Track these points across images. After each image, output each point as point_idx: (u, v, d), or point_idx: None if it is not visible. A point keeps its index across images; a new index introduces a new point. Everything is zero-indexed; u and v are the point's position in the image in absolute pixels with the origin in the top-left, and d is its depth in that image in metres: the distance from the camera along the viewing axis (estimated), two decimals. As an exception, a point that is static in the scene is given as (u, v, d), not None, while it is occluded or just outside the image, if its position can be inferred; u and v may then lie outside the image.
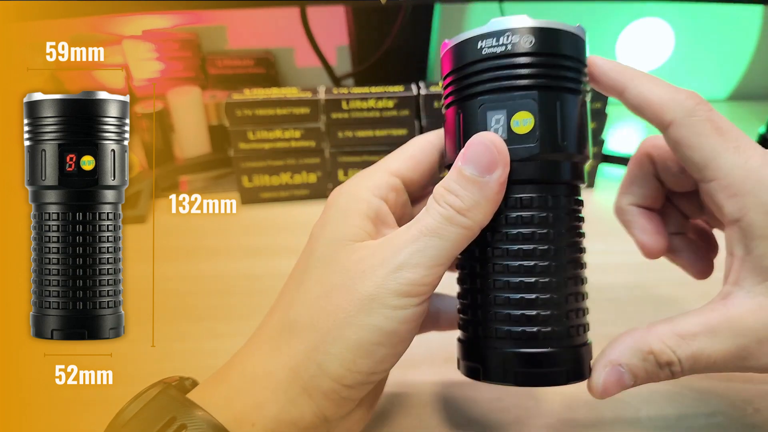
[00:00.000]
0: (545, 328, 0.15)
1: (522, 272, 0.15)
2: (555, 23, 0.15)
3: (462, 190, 0.15)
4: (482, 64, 0.15)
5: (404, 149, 0.18)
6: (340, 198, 0.17)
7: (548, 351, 0.15)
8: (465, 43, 0.16)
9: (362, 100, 0.36)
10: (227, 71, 0.50)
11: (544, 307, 0.15)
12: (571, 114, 0.15)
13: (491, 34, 0.15)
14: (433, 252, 0.15)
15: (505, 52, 0.15)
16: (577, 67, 0.16)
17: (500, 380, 0.15)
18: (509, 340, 0.15)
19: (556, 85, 0.15)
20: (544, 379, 0.15)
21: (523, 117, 0.15)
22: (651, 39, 0.54)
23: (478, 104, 0.15)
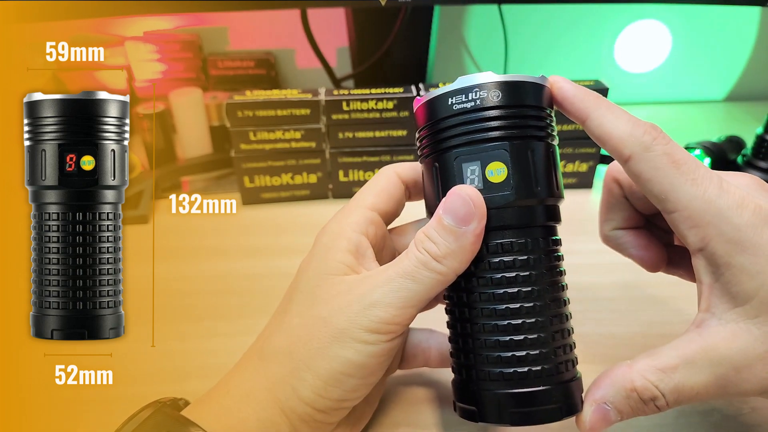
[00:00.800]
0: (536, 367, 0.16)
1: (508, 314, 0.16)
2: (518, 76, 0.16)
3: (440, 238, 0.16)
4: (454, 119, 0.16)
5: (375, 183, 0.20)
6: (323, 236, 0.19)
7: (540, 389, 0.16)
8: (437, 99, 0.17)
9: (362, 101, 0.36)
10: (228, 72, 0.50)
11: (533, 346, 0.16)
12: (542, 160, 0.16)
13: (460, 91, 0.16)
14: (406, 294, 0.16)
15: (474, 107, 0.16)
16: (543, 115, 0.17)
17: (496, 421, 0.16)
18: (501, 381, 0.16)
19: (525, 135, 0.16)
20: (539, 417, 0.16)
21: (496, 167, 0.16)
22: (648, 41, 0.54)
23: (453, 157, 0.16)
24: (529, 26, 0.52)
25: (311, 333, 0.16)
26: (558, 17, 0.53)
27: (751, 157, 0.39)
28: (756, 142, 0.38)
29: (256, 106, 0.36)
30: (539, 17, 0.53)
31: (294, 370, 0.16)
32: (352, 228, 0.18)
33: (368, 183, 0.20)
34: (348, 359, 0.16)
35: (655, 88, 0.57)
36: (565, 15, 0.53)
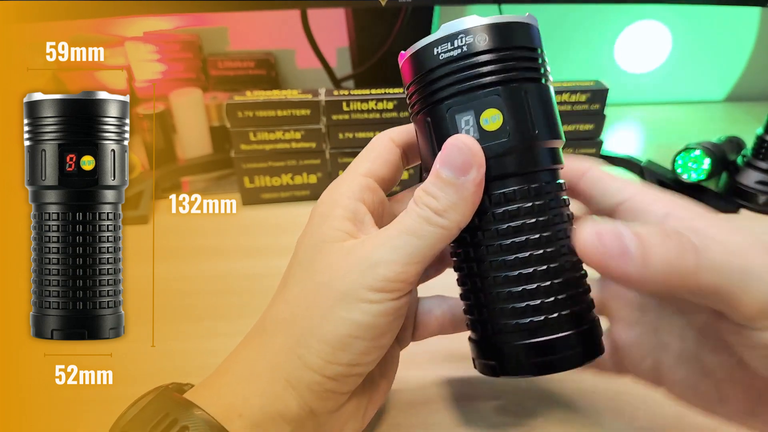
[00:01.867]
0: (552, 315, 0.15)
1: (518, 264, 0.15)
2: (505, 17, 0.16)
3: (439, 191, 0.15)
4: (441, 69, 0.16)
5: (369, 150, 0.19)
6: (319, 207, 0.18)
7: (559, 336, 0.15)
8: (421, 51, 0.16)
9: (362, 101, 0.36)
10: (228, 73, 0.50)
11: (546, 294, 0.15)
12: (537, 102, 0.16)
13: (445, 39, 0.15)
14: (410, 250, 0.15)
15: (461, 54, 0.15)
16: (534, 56, 0.16)
17: (517, 373, 0.16)
18: (518, 332, 0.15)
19: (518, 77, 0.15)
20: (561, 365, 0.15)
21: (491, 114, 0.15)
22: (649, 41, 0.55)
23: (445, 109, 0.16)
24: (529, 27, 0.52)
25: (314, 300, 0.16)
26: (558, 17, 0.53)
27: (751, 158, 0.38)
28: (756, 142, 0.38)
29: (257, 107, 0.36)
30: (539, 17, 0.52)
31: (299, 338, 0.16)
32: (347, 195, 0.17)
33: (362, 151, 0.19)
34: (354, 321, 0.15)
35: (655, 88, 0.57)
36: (565, 15, 0.53)
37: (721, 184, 0.40)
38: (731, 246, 0.14)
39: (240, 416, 0.15)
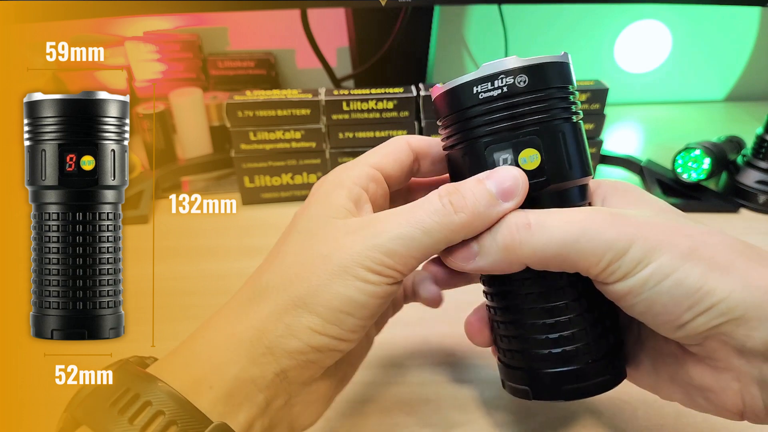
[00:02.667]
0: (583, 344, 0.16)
1: (553, 297, 0.16)
2: (542, 58, 0.16)
3: (473, 196, 0.15)
4: (481, 107, 0.16)
5: (383, 146, 0.19)
6: (322, 185, 0.18)
7: (590, 364, 0.16)
8: (461, 88, 0.16)
9: (362, 101, 0.36)
10: (228, 72, 0.50)
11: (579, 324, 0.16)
12: (573, 140, 0.16)
13: (485, 78, 0.16)
14: (415, 243, 0.15)
15: (502, 95, 0.16)
16: (569, 95, 0.17)
17: (551, 398, 0.17)
18: (552, 360, 0.16)
19: (555, 117, 0.16)
20: (592, 390, 0.17)
21: (529, 154, 0.16)
22: (649, 41, 0.54)
23: (484, 146, 0.16)
24: (529, 26, 0.52)
25: (310, 269, 0.15)
26: (558, 17, 0.53)
27: (751, 157, 0.38)
28: (756, 142, 0.38)
29: (257, 106, 0.36)
30: (539, 17, 0.53)
31: (290, 307, 0.15)
32: (352, 180, 0.17)
33: (378, 146, 0.19)
34: (349, 297, 0.15)
35: (655, 88, 0.57)
36: (565, 15, 0.53)
37: (721, 183, 0.40)
38: (568, 217, 0.15)
39: (210, 388, 0.14)
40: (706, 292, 0.14)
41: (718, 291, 0.14)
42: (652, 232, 0.14)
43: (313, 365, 0.16)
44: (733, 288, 0.14)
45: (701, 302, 0.14)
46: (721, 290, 0.14)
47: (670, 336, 0.15)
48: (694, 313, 0.14)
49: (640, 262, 0.14)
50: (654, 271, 0.14)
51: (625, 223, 0.15)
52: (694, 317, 0.14)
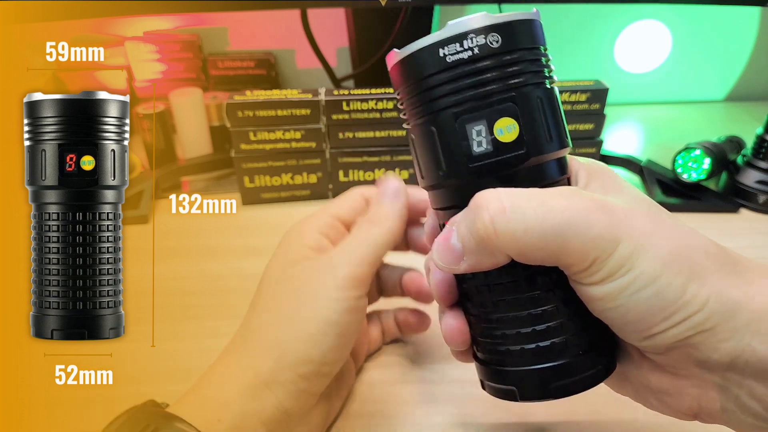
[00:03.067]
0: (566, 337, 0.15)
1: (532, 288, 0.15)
2: (513, 15, 0.14)
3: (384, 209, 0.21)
4: (449, 73, 0.14)
5: (342, 197, 0.22)
6: (288, 235, 0.21)
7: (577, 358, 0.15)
8: (424, 51, 0.14)
9: (362, 101, 0.36)
10: (228, 72, 0.50)
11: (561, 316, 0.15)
12: (550, 108, 0.15)
13: (453, 39, 0.14)
14: (361, 252, 0.19)
15: (472, 57, 0.14)
16: (541, 55, 0.15)
17: (540, 398, 0.15)
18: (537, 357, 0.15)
19: (531, 82, 0.14)
20: (584, 385, 0.15)
21: (506, 124, 0.14)
22: (649, 41, 0.54)
23: (454, 118, 0.14)
24: (529, 26, 0.52)
25: (286, 306, 0.18)
26: (558, 17, 0.53)
27: (751, 157, 0.38)
28: (756, 142, 0.38)
29: (257, 106, 0.36)
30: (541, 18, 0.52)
31: (275, 341, 0.18)
32: (314, 228, 0.21)
33: (336, 197, 0.22)
34: (323, 317, 0.18)
35: (655, 88, 0.57)
36: (565, 15, 0.53)
37: (721, 183, 0.40)
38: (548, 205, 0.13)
39: (219, 421, 0.16)
40: (683, 303, 0.13)
41: (695, 302, 0.13)
42: (638, 229, 0.13)
43: (304, 394, 0.18)
44: (708, 298, 0.13)
45: (677, 313, 0.13)
46: (697, 301, 0.13)
47: (634, 343, 0.15)
48: (667, 325, 0.13)
49: (624, 263, 0.13)
50: (636, 277, 0.13)
51: (610, 215, 0.13)
52: (666, 329, 0.13)
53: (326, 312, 0.18)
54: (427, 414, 0.22)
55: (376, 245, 0.19)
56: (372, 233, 0.20)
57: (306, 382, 0.18)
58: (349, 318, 0.18)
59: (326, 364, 0.18)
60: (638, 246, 0.13)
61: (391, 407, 0.23)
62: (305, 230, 0.21)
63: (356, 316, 0.19)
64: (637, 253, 0.13)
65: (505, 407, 0.22)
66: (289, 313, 0.18)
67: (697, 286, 0.13)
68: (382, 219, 0.20)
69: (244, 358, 0.18)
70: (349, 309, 0.18)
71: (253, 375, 0.17)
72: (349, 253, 0.19)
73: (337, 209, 0.22)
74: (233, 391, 0.17)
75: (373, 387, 0.24)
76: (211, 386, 0.18)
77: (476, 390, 0.23)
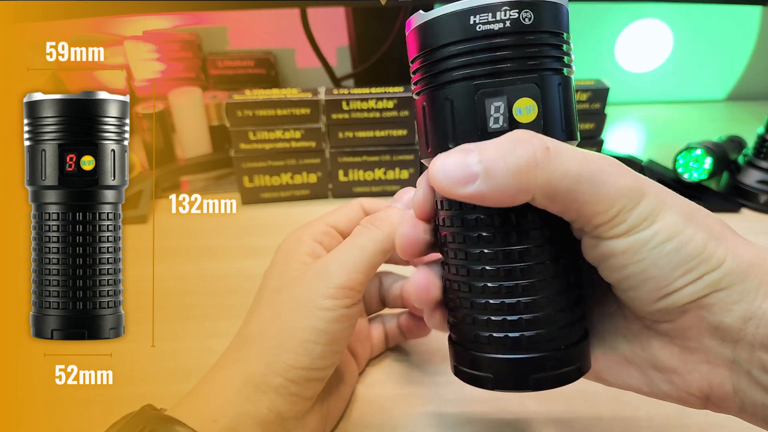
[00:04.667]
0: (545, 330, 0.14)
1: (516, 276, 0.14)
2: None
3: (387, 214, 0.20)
4: (477, 42, 0.13)
5: (341, 207, 0.23)
6: (285, 243, 0.21)
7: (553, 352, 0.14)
8: (455, 16, 0.14)
9: (362, 100, 0.36)
10: (228, 72, 0.50)
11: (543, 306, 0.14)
12: (568, 96, 0.14)
13: (486, 8, 0.13)
14: (355, 260, 0.19)
15: (503, 29, 0.13)
16: (566, 43, 0.14)
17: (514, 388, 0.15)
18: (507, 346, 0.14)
19: (555, 67, 0.14)
20: (559, 380, 0.15)
21: (526, 104, 0.14)
22: (649, 40, 0.54)
23: (475, 90, 0.14)
24: (529, 25, 0.52)
25: (280, 314, 0.19)
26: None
27: (752, 157, 0.38)
28: (757, 141, 0.38)
29: (256, 106, 0.36)
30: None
31: (267, 347, 0.18)
32: (309, 236, 0.21)
33: (336, 207, 0.23)
34: (312, 326, 0.18)
35: (656, 87, 0.57)
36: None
37: (722, 183, 0.40)
38: (583, 153, 0.14)
39: (214, 421, 0.17)
40: (704, 258, 0.13)
41: (713, 259, 0.13)
42: (659, 188, 0.14)
43: (298, 398, 0.18)
44: (725, 257, 0.13)
45: (697, 269, 0.13)
46: (715, 258, 0.13)
47: (646, 308, 0.14)
48: (686, 281, 0.13)
49: (647, 217, 0.13)
50: (659, 230, 0.13)
51: (635, 174, 0.14)
52: (685, 284, 0.13)
53: (315, 321, 0.18)
54: (428, 416, 0.22)
55: (373, 251, 0.19)
56: (369, 237, 0.19)
57: (297, 386, 0.18)
58: (339, 326, 0.18)
59: (316, 369, 0.18)
60: (661, 201, 0.14)
61: (392, 410, 0.23)
62: (302, 238, 0.21)
63: (346, 323, 0.18)
64: (659, 206, 0.13)
65: (505, 408, 0.22)
66: (281, 321, 0.18)
67: (715, 244, 0.13)
68: (384, 223, 0.19)
69: (238, 363, 0.18)
70: (339, 318, 0.18)
71: (247, 379, 0.18)
72: (342, 260, 0.19)
73: (334, 219, 0.22)
74: (228, 393, 0.17)
75: (376, 391, 0.24)
76: (207, 389, 0.18)
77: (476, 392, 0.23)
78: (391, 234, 0.19)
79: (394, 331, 0.25)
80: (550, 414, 0.22)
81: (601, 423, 0.22)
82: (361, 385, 0.24)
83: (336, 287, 0.18)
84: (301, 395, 0.18)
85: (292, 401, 0.18)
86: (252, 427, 0.17)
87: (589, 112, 0.38)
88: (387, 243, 0.19)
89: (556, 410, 0.22)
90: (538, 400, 0.23)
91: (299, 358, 0.18)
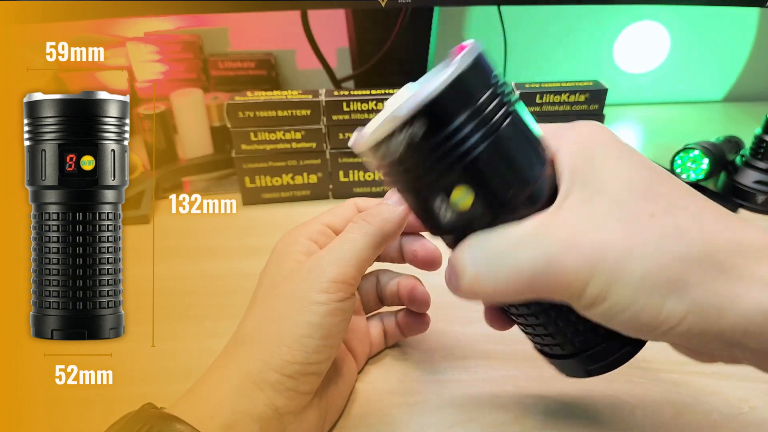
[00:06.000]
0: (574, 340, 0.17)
1: None
2: (442, 78, 0.13)
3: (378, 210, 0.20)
4: (398, 166, 0.15)
5: (337, 207, 0.23)
6: (280, 242, 0.22)
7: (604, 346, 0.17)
8: (379, 145, 0.15)
9: (362, 102, 0.36)
10: (229, 73, 0.50)
11: None
12: (505, 154, 0.14)
13: (388, 137, 0.14)
14: (347, 254, 0.19)
15: (401, 157, 0.14)
16: (493, 93, 0.14)
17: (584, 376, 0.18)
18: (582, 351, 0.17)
19: (477, 142, 0.13)
20: (614, 365, 0.17)
21: (458, 195, 0.14)
22: (647, 42, 0.55)
23: (417, 194, 0.16)
24: (528, 27, 0.52)
25: (275, 311, 0.19)
26: (557, 18, 0.53)
27: (750, 158, 0.39)
28: (754, 142, 0.38)
29: (257, 107, 0.36)
30: (539, 18, 0.53)
31: (263, 344, 0.18)
32: (304, 235, 0.21)
33: (332, 206, 0.23)
34: (306, 321, 0.18)
35: (654, 88, 0.57)
36: (565, 16, 0.53)
37: (719, 183, 0.40)
38: (518, 259, 0.15)
39: (212, 419, 0.17)
40: (662, 320, 0.14)
41: (673, 317, 0.14)
42: (609, 259, 0.14)
43: (295, 393, 0.18)
44: (687, 312, 0.14)
45: (658, 328, 0.14)
46: (675, 317, 0.14)
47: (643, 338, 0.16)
48: (654, 336, 0.15)
49: (597, 296, 0.14)
50: (611, 306, 0.14)
51: (578, 256, 0.14)
52: (656, 338, 0.15)
53: (309, 316, 0.18)
54: (427, 415, 0.22)
55: (365, 245, 0.19)
56: (361, 232, 0.19)
57: (293, 381, 0.18)
58: (333, 320, 0.18)
59: (312, 364, 0.18)
60: (609, 279, 0.14)
61: (391, 407, 0.23)
62: (297, 237, 0.21)
63: (340, 317, 0.19)
64: (608, 285, 0.14)
65: (505, 407, 0.22)
66: (276, 317, 0.19)
67: (674, 302, 0.14)
68: (376, 218, 0.20)
69: (235, 361, 0.19)
70: (333, 311, 0.18)
71: (243, 376, 0.18)
72: (334, 255, 0.19)
73: (329, 218, 0.22)
74: (225, 391, 0.18)
75: (375, 388, 0.24)
76: (205, 388, 0.18)
77: (475, 390, 0.23)
78: (382, 228, 0.20)
79: (393, 329, 0.25)
80: (549, 413, 0.22)
81: (598, 423, 0.22)
82: (361, 382, 0.24)
83: (329, 281, 0.18)
84: (298, 390, 0.18)
85: (289, 396, 0.18)
86: (250, 424, 0.17)
87: (588, 113, 0.38)
88: (379, 237, 0.19)
89: (555, 410, 0.22)
90: (538, 400, 0.23)
91: (294, 353, 0.18)
